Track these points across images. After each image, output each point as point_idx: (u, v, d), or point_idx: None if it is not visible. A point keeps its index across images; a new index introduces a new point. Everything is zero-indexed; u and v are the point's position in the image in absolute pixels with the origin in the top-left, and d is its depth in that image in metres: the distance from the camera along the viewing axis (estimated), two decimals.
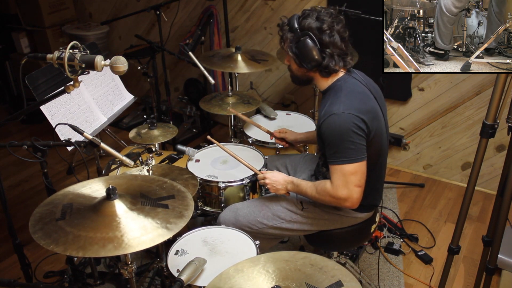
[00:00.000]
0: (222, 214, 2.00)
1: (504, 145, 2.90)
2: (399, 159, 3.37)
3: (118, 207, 1.38)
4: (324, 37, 1.69)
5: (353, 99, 1.69)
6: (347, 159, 1.64)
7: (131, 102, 2.57)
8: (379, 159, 1.81)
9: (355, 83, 1.76)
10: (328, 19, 1.69)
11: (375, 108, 1.73)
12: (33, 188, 3.29)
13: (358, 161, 1.65)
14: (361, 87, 1.76)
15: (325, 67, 1.73)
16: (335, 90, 1.75)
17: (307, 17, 1.71)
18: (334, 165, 1.67)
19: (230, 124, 2.84)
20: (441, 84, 3.01)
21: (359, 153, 1.65)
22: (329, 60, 1.72)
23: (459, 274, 2.47)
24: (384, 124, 1.80)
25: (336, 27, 1.70)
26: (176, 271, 1.61)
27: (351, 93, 1.71)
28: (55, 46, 4.23)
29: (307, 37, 1.69)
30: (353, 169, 1.65)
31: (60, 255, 2.56)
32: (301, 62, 1.75)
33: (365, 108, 1.68)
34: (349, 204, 1.70)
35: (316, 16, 1.71)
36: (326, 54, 1.71)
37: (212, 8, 3.59)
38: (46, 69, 2.03)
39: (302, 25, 1.71)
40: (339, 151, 1.64)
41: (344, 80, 1.76)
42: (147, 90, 4.38)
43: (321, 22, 1.69)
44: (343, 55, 1.74)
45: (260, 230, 1.92)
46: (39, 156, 1.65)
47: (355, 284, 1.22)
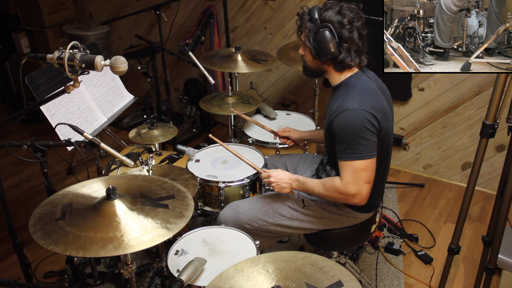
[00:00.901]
0: (222, 212, 2.00)
1: (504, 145, 2.90)
2: (399, 159, 3.37)
3: (118, 207, 1.38)
4: (344, 32, 1.68)
5: (366, 96, 1.68)
6: (358, 155, 1.63)
7: (131, 102, 2.57)
8: (385, 160, 1.82)
9: (368, 81, 1.76)
10: (349, 14, 1.69)
11: (386, 108, 1.74)
12: (33, 188, 3.29)
13: (369, 158, 1.64)
14: (373, 86, 1.76)
15: (340, 62, 1.73)
16: (348, 86, 1.75)
17: (328, 9, 1.71)
18: (345, 161, 1.67)
19: (230, 124, 2.84)
20: (441, 84, 3.01)
21: (371, 150, 1.64)
22: (346, 55, 1.71)
23: (459, 274, 2.47)
24: (392, 125, 1.81)
25: (356, 23, 1.70)
26: (176, 271, 1.61)
27: (365, 90, 1.71)
28: (55, 46, 4.23)
29: (326, 29, 1.68)
30: (364, 165, 1.64)
31: (60, 255, 2.56)
32: (317, 53, 1.74)
33: (378, 106, 1.68)
34: (357, 201, 1.69)
35: (338, 9, 1.70)
36: (343, 48, 1.70)
37: (212, 8, 3.59)
38: (46, 69, 2.03)
39: (322, 16, 1.70)
40: (350, 147, 1.64)
41: (357, 77, 1.76)
42: (147, 90, 4.38)
43: (342, 16, 1.68)
44: (359, 52, 1.74)
45: (260, 227, 1.91)
46: (39, 156, 1.65)
47: (355, 284, 1.22)
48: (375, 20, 2.52)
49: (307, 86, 3.51)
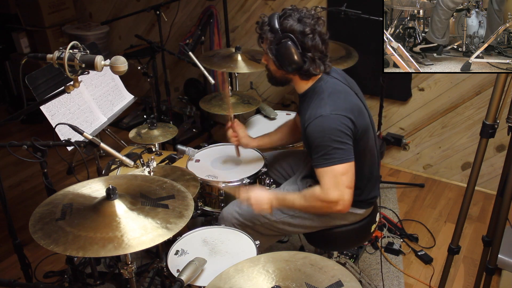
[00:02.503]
0: (225, 209, 2.00)
1: (504, 145, 2.90)
2: (399, 159, 3.37)
3: (118, 207, 1.38)
4: (307, 41, 1.65)
5: (337, 99, 1.67)
6: (337, 159, 1.61)
7: (131, 102, 2.57)
8: (370, 154, 1.80)
9: (335, 82, 1.74)
10: (310, 21, 1.65)
11: (358, 105, 1.72)
12: (33, 188, 3.29)
13: (348, 161, 1.63)
14: (341, 86, 1.74)
15: (305, 71, 1.70)
16: (316, 92, 1.73)
17: (288, 18, 1.67)
18: (323, 168, 1.64)
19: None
20: (441, 84, 3.01)
21: (348, 153, 1.63)
22: (310, 64, 1.68)
23: (459, 274, 2.46)
24: (369, 118, 1.78)
25: (317, 29, 1.67)
26: (176, 271, 1.61)
27: (334, 93, 1.69)
28: (55, 46, 4.24)
29: (288, 40, 1.65)
30: (344, 169, 1.62)
31: (60, 255, 2.56)
32: (280, 65, 1.71)
33: (350, 106, 1.67)
34: (340, 208, 1.66)
35: (298, 17, 1.66)
36: (308, 58, 1.67)
37: (212, 8, 3.59)
38: (46, 69, 2.03)
39: (283, 26, 1.66)
40: (328, 153, 1.62)
41: (325, 81, 1.74)
42: (147, 90, 4.38)
43: (303, 24, 1.65)
44: (323, 58, 1.71)
45: (262, 224, 1.91)
46: (39, 156, 1.65)
47: (355, 284, 1.22)
48: (375, 20, 2.53)
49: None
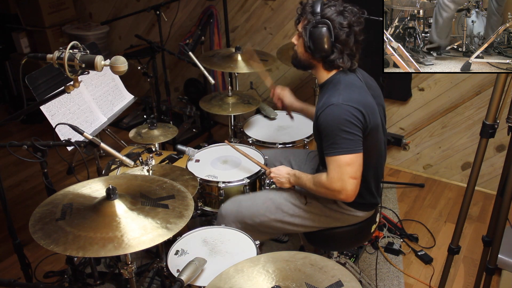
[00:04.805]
0: (224, 205, 1.99)
1: (504, 145, 2.89)
2: (399, 159, 3.37)
3: (118, 207, 1.38)
4: (341, 33, 1.67)
5: (351, 91, 1.68)
6: (343, 149, 1.63)
7: (131, 102, 2.57)
8: (377, 155, 1.81)
9: (354, 78, 1.76)
10: (351, 17, 1.68)
11: (372, 104, 1.73)
12: (33, 188, 3.29)
13: (355, 152, 1.63)
14: (359, 83, 1.76)
15: (331, 61, 1.72)
16: (334, 83, 1.74)
17: (332, 6, 1.69)
18: (330, 156, 1.66)
19: (230, 124, 2.84)
20: (441, 84, 3.01)
21: (356, 145, 1.64)
22: (337, 56, 1.71)
23: (459, 274, 2.46)
24: (381, 124, 1.79)
25: (355, 27, 1.69)
26: (176, 271, 1.61)
27: (350, 86, 1.71)
28: (55, 46, 4.23)
29: (325, 26, 1.67)
30: (349, 160, 1.63)
31: (60, 255, 2.56)
32: (309, 47, 1.72)
33: (363, 101, 1.68)
34: (343, 197, 1.68)
35: (341, 9, 1.68)
36: (337, 49, 1.70)
37: (212, 8, 3.59)
38: (46, 69, 2.03)
39: (324, 12, 1.68)
40: (335, 142, 1.63)
41: (344, 74, 1.76)
42: (147, 90, 4.38)
43: (344, 17, 1.67)
44: (351, 56, 1.74)
45: (262, 223, 1.91)
46: (39, 156, 1.65)
47: (355, 284, 1.22)
48: (375, 20, 2.53)
49: (307, 86, 3.51)
